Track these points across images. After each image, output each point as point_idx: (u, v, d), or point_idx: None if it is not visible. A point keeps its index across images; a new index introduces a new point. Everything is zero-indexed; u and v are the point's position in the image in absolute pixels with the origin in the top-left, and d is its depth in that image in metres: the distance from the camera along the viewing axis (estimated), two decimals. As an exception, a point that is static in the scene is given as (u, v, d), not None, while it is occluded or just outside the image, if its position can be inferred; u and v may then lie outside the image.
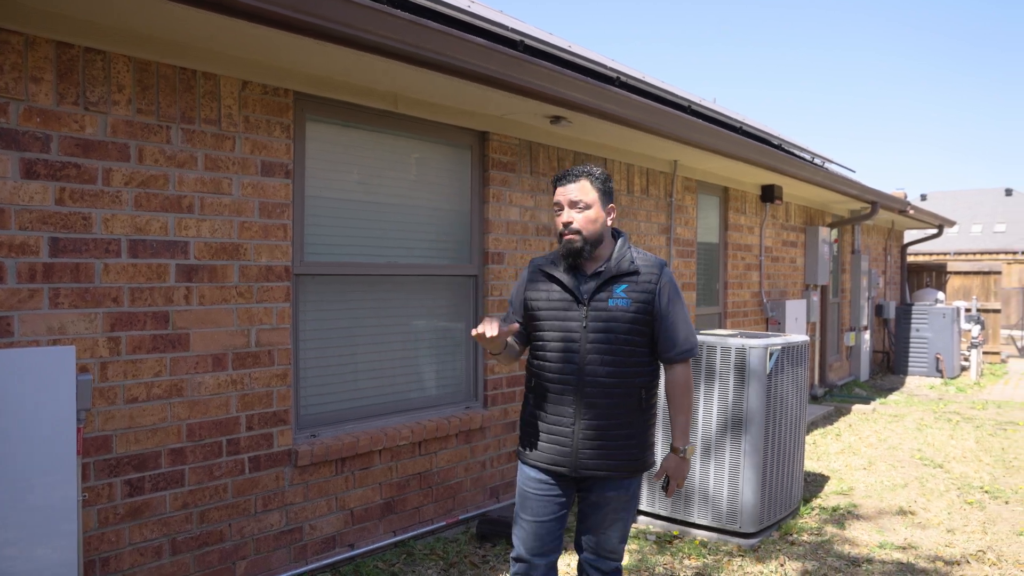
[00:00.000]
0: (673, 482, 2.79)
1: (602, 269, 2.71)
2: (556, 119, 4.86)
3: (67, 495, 2.67)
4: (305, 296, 3.99)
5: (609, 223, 2.76)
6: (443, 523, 4.58)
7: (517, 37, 4.84)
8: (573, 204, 2.68)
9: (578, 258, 2.70)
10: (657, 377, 2.81)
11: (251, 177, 3.61)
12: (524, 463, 2.82)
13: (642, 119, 5.04)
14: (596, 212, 2.69)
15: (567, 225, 2.68)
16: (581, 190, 2.68)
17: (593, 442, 2.66)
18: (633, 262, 2.71)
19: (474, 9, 4.66)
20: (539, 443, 2.75)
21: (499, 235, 4.95)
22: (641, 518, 4.88)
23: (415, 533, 4.41)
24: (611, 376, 2.65)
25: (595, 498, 2.74)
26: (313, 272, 3.99)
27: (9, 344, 2.86)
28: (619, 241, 2.78)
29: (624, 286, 2.68)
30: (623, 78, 5.86)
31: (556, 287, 2.74)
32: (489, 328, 2.52)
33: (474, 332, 2.54)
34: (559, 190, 2.73)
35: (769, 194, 8.23)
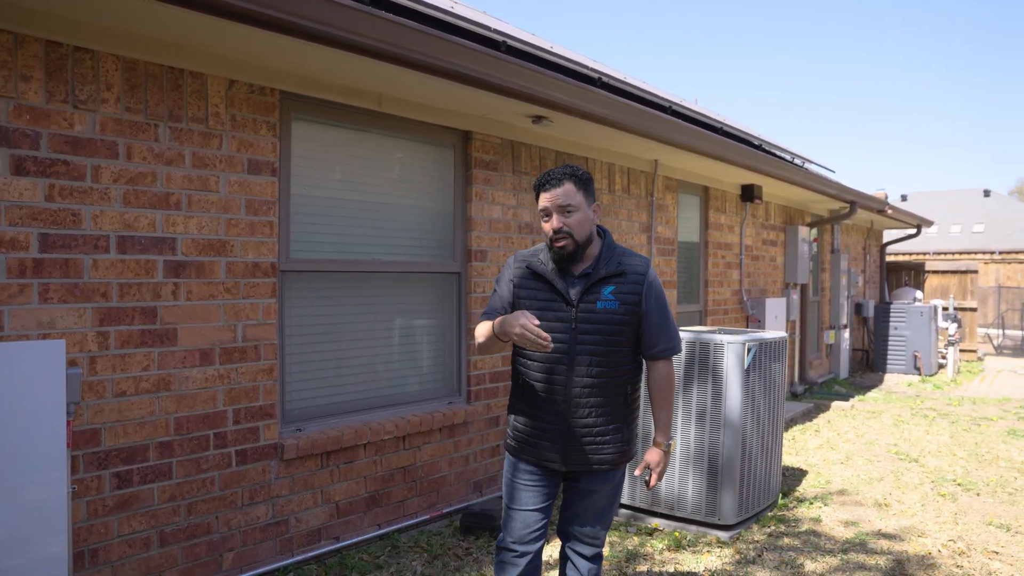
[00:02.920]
0: (654, 474, 2.83)
1: (590, 271, 2.74)
2: (538, 119, 4.94)
3: (57, 487, 2.71)
4: (291, 292, 4.05)
5: (596, 221, 2.80)
6: (427, 516, 4.65)
7: (500, 38, 4.91)
8: (561, 209, 2.69)
9: (571, 262, 2.74)
10: (640, 372, 2.89)
11: (238, 175, 3.66)
12: (512, 455, 2.90)
13: (623, 119, 5.13)
14: (584, 214, 2.71)
15: (558, 231, 2.69)
16: (567, 194, 2.67)
17: (582, 439, 2.74)
18: (620, 263, 2.76)
19: (457, 10, 4.73)
20: (529, 439, 2.81)
21: (482, 233, 5.02)
22: (622, 511, 4.97)
23: (400, 526, 4.47)
24: (600, 376, 2.72)
25: (583, 487, 2.83)
26: (299, 268, 4.05)
27: (-1, 338, 2.90)
28: (605, 240, 2.82)
29: (612, 288, 2.73)
30: (605, 78, 5.95)
31: (544, 286, 2.77)
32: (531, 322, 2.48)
33: (529, 328, 2.46)
34: (544, 195, 2.71)
35: (749, 194, 8.36)
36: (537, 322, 2.49)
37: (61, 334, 3.07)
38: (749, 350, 4.64)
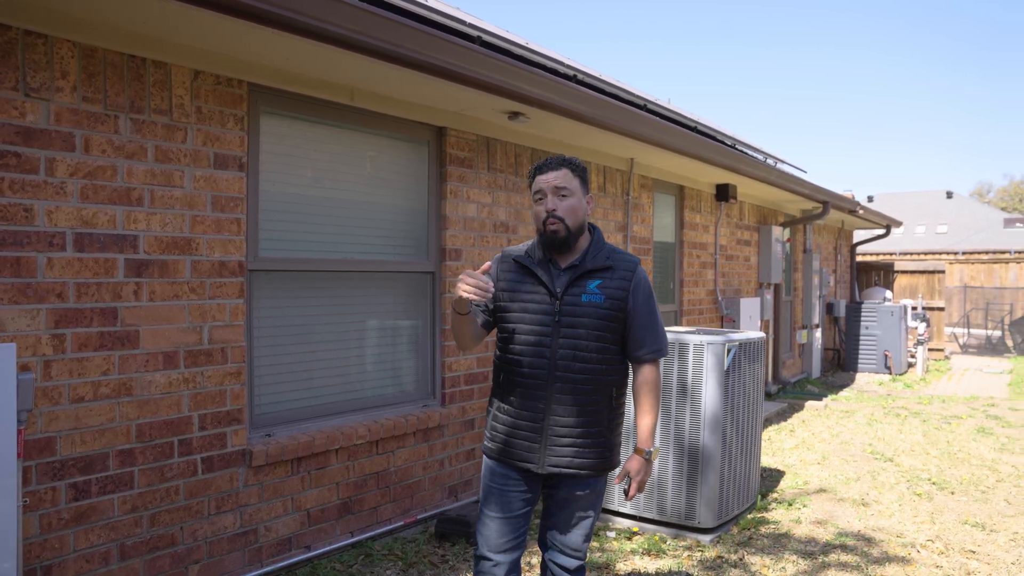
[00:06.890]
0: (634, 484, 2.70)
1: (576, 263, 2.67)
2: (514, 115, 4.83)
3: (6, 500, 2.55)
4: (259, 292, 3.89)
5: (588, 213, 2.74)
6: (401, 523, 4.51)
7: (475, 32, 4.81)
8: (557, 191, 2.64)
9: (561, 249, 2.66)
10: (627, 376, 2.78)
11: (203, 170, 3.50)
12: (490, 458, 2.78)
13: (601, 116, 5.04)
14: (578, 201, 2.66)
15: (551, 212, 2.62)
16: (563, 177, 2.65)
17: (562, 439, 2.62)
18: (608, 258, 2.68)
19: (431, 3, 4.61)
20: (506, 439, 2.69)
21: (456, 232, 4.90)
22: (602, 515, 4.88)
23: (373, 533, 4.34)
24: (582, 372, 2.61)
25: (562, 495, 2.71)
26: (268, 268, 3.90)
27: (-56, 342, 2.72)
28: (595, 235, 2.75)
29: (598, 282, 2.64)
30: (580, 75, 5.87)
31: (529, 279, 2.69)
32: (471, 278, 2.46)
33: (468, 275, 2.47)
34: (540, 178, 2.68)
35: (724, 193, 8.33)
36: (481, 272, 2.50)
37: (12, 337, 2.89)
38: (729, 351, 4.58)
